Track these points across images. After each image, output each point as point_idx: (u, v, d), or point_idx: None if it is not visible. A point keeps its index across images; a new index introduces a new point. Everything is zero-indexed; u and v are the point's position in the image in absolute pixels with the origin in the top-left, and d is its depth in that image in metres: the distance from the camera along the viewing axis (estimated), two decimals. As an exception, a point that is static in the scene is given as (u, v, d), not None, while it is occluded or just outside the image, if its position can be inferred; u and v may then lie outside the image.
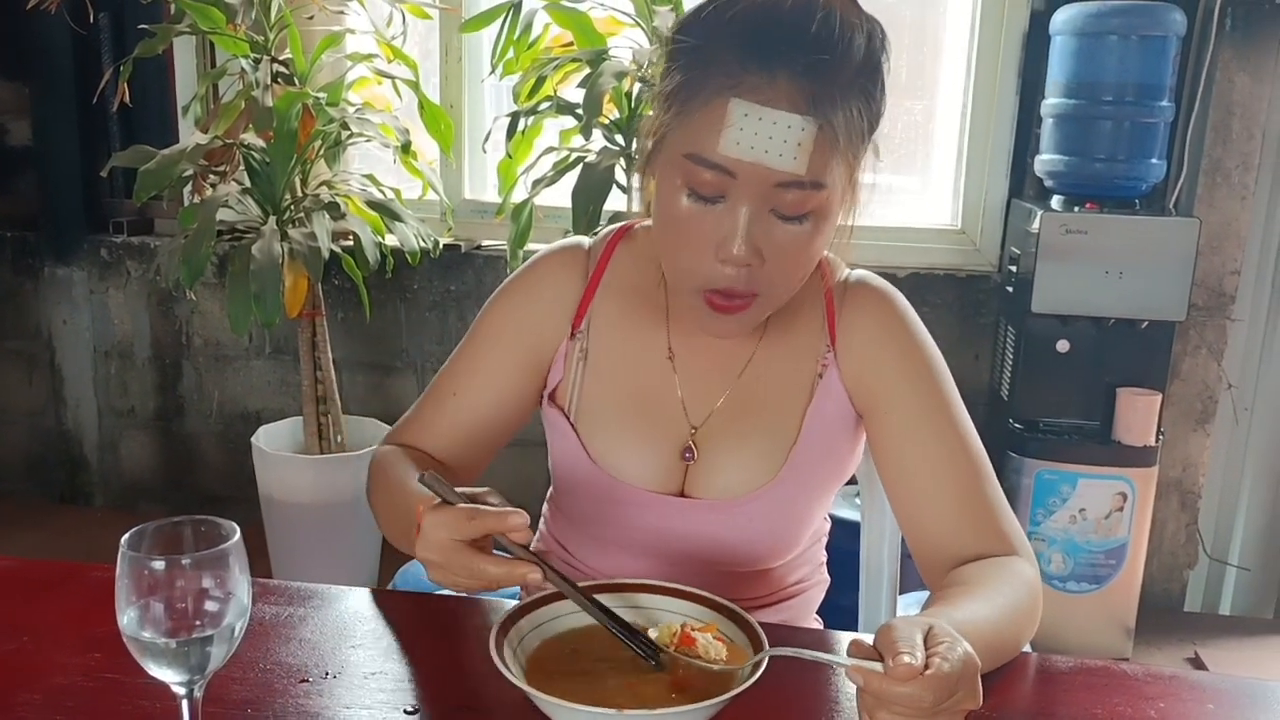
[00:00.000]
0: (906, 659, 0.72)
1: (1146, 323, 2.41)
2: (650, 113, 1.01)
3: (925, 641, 0.75)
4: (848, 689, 0.90)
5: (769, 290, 0.99)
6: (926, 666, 0.73)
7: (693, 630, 0.85)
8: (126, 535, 0.74)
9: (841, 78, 0.92)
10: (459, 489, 0.89)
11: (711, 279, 0.97)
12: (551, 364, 1.14)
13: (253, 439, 2.70)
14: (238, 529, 0.76)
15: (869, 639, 0.77)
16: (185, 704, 0.76)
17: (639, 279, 1.14)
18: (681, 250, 0.98)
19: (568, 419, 1.12)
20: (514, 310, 1.16)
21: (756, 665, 0.80)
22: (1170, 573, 2.84)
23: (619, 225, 1.18)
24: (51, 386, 3.23)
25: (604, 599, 0.92)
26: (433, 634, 1.01)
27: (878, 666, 0.74)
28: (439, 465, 1.13)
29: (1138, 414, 2.42)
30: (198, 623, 0.74)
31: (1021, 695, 0.95)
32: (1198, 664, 2.59)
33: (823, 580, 1.24)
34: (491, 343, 1.15)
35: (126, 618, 0.73)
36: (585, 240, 1.17)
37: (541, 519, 1.26)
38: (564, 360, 1.13)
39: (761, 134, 0.90)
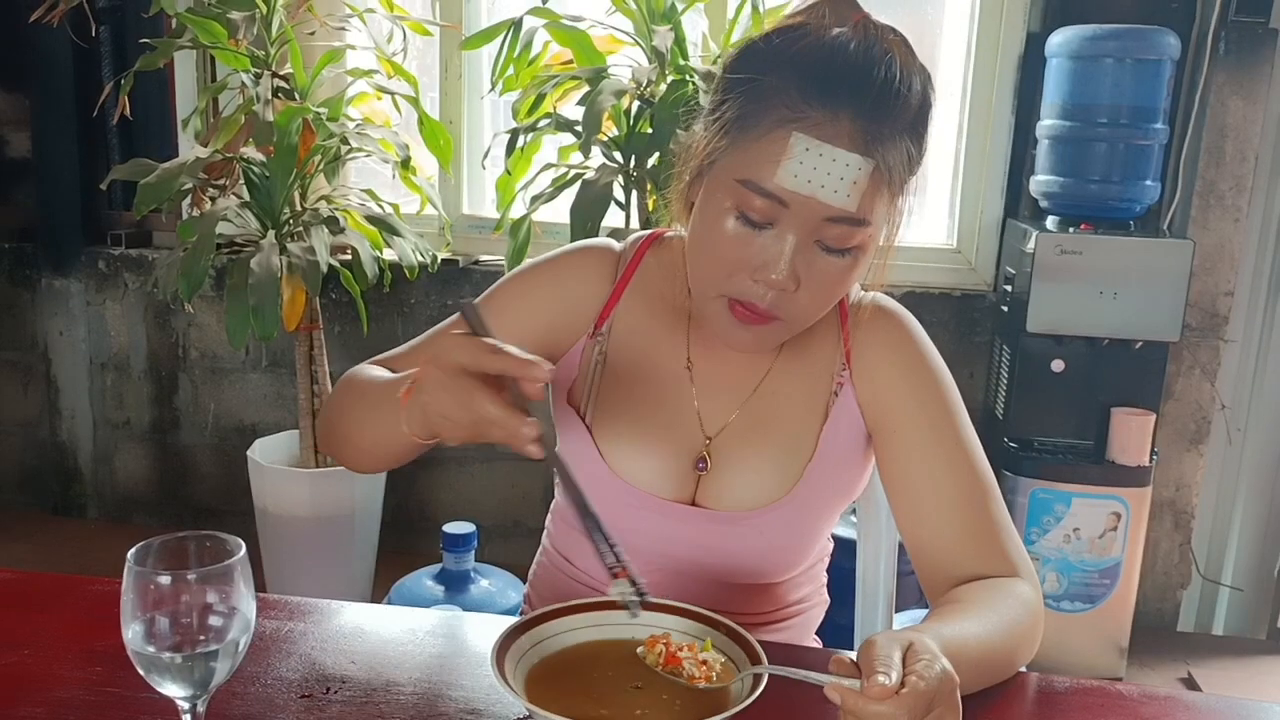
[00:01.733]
0: (881, 678, 0.73)
1: (1140, 343, 2.42)
2: (695, 139, 1.02)
3: (904, 658, 0.76)
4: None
5: (793, 316, 1.01)
6: (903, 684, 0.74)
7: (679, 651, 0.85)
8: (133, 550, 0.75)
9: (899, 121, 0.95)
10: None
11: (739, 291, 0.99)
12: (564, 356, 1.14)
13: (248, 452, 2.70)
14: (243, 544, 0.77)
15: (852, 655, 0.78)
16: (188, 719, 0.77)
17: (664, 287, 1.15)
18: (719, 267, 0.99)
19: (582, 419, 1.13)
20: (537, 288, 1.15)
21: (755, 684, 0.81)
22: (1164, 592, 2.85)
23: (650, 232, 1.19)
24: (47, 398, 3.23)
25: (607, 614, 0.93)
26: (434, 650, 1.01)
27: (857, 684, 0.75)
28: None
29: (1132, 434, 2.43)
30: (202, 637, 0.74)
31: (1019, 715, 0.95)
32: (1191, 684, 2.60)
33: (823, 601, 1.25)
34: (507, 308, 1.13)
35: (131, 632, 0.74)
36: (614, 243, 1.18)
37: (545, 531, 1.27)
38: (580, 358, 1.14)
39: (820, 169, 0.93)
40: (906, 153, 0.96)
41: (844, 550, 1.37)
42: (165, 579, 0.73)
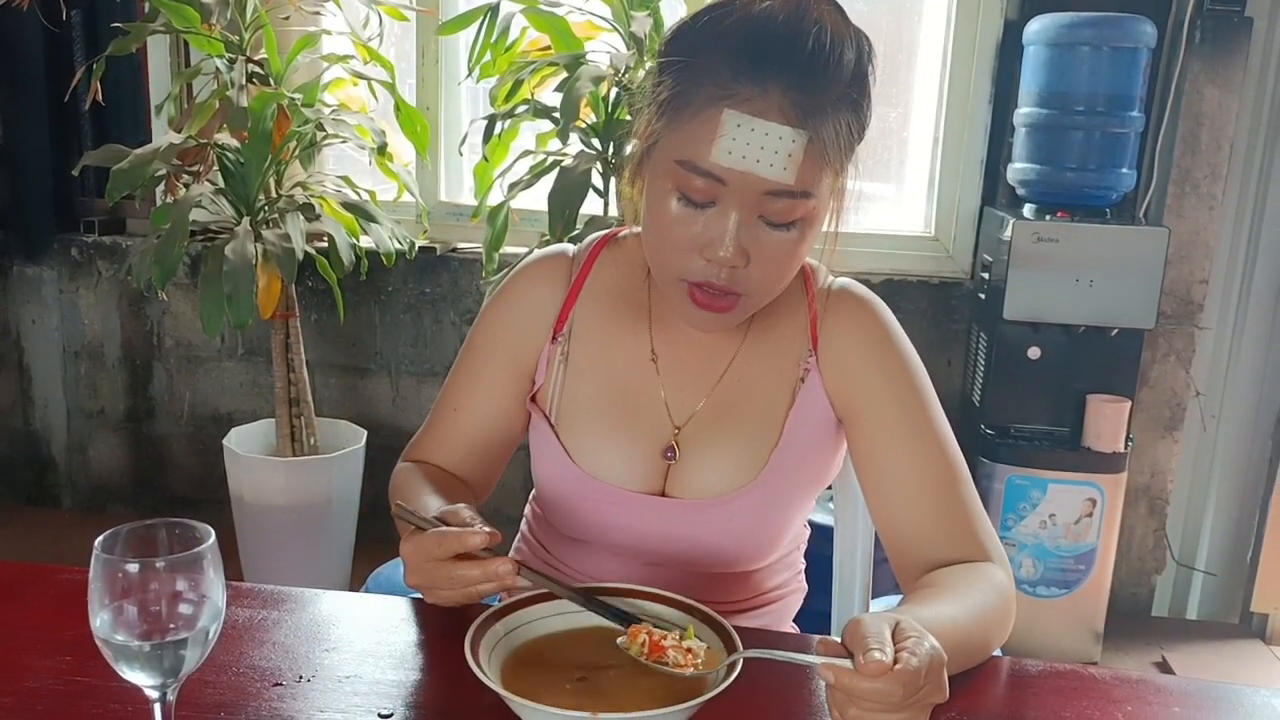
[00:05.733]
0: (877, 655, 0.74)
1: (1116, 330, 2.44)
2: (640, 119, 1.02)
3: (893, 637, 0.77)
4: (822, 691, 0.91)
5: (751, 291, 1.00)
6: (895, 661, 0.74)
7: (663, 640, 0.85)
8: (100, 538, 0.74)
9: (832, 92, 0.94)
10: (440, 512, 0.95)
11: (695, 272, 0.99)
12: (535, 368, 1.15)
13: (224, 441, 2.68)
14: (212, 532, 0.76)
15: (839, 637, 0.78)
16: (158, 707, 0.76)
17: (623, 283, 1.15)
18: (669, 249, 1.00)
19: (548, 420, 1.13)
20: (500, 322, 1.17)
21: (730, 669, 0.81)
22: (1138, 578, 2.87)
23: (604, 232, 1.19)
24: (20, 386, 3.19)
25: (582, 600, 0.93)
26: (407, 637, 1.01)
27: (848, 663, 0.75)
28: (452, 478, 1.15)
29: (1107, 420, 2.44)
30: (171, 626, 0.74)
31: (992, 698, 0.95)
32: (1165, 668, 2.62)
33: (800, 588, 1.25)
34: (482, 356, 1.17)
35: (99, 620, 0.73)
36: (569, 248, 1.19)
37: (524, 521, 1.27)
38: (546, 364, 1.14)
39: (753, 144, 0.92)
40: (845, 124, 0.95)
41: (821, 537, 1.37)
42: (133, 567, 0.72)
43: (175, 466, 3.18)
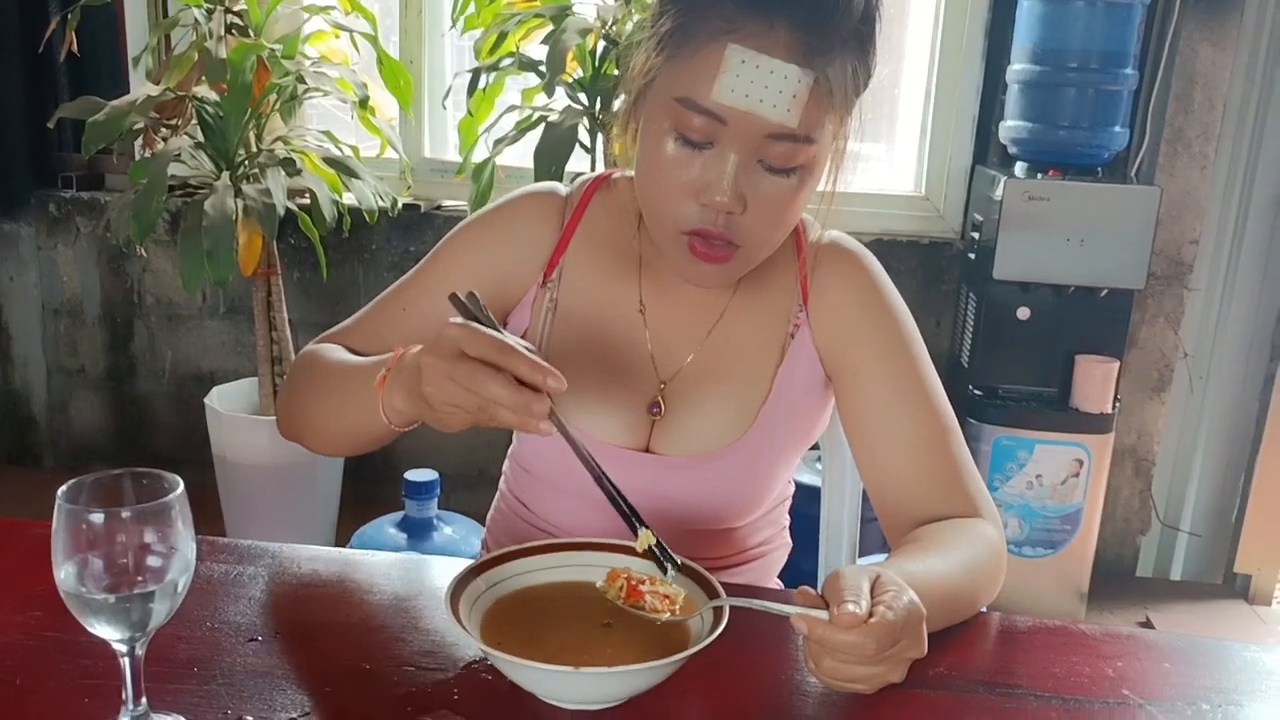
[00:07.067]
0: (851, 607, 0.72)
1: (1106, 291, 2.42)
2: (637, 55, 0.98)
3: (872, 590, 0.75)
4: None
5: (749, 241, 0.97)
6: (871, 614, 0.73)
7: (640, 585, 0.84)
8: (64, 487, 0.71)
9: (840, 31, 0.91)
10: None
11: (691, 220, 0.95)
12: (516, 308, 1.11)
13: (206, 399, 2.65)
14: (180, 482, 0.73)
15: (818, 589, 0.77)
16: (126, 662, 0.74)
17: (614, 230, 1.11)
18: (664, 193, 0.96)
19: None
20: (484, 241, 1.12)
21: (715, 622, 0.79)
22: (1124, 538, 2.88)
23: (596, 174, 1.15)
24: (-2, 345, 3.16)
25: (563, 555, 0.91)
26: (387, 592, 0.99)
27: (824, 614, 0.73)
28: None
29: (1095, 381, 2.44)
30: (139, 578, 0.71)
31: (981, 654, 0.94)
32: (1148, 627, 2.63)
33: (785, 544, 1.24)
34: (454, 266, 1.11)
35: (64, 573, 0.71)
36: (561, 187, 1.15)
37: (503, 476, 1.25)
38: (531, 307, 1.11)
39: (757, 82, 0.89)
40: (850, 68, 0.92)
41: (808, 496, 1.36)
42: (98, 517, 0.70)
43: (157, 425, 3.15)
